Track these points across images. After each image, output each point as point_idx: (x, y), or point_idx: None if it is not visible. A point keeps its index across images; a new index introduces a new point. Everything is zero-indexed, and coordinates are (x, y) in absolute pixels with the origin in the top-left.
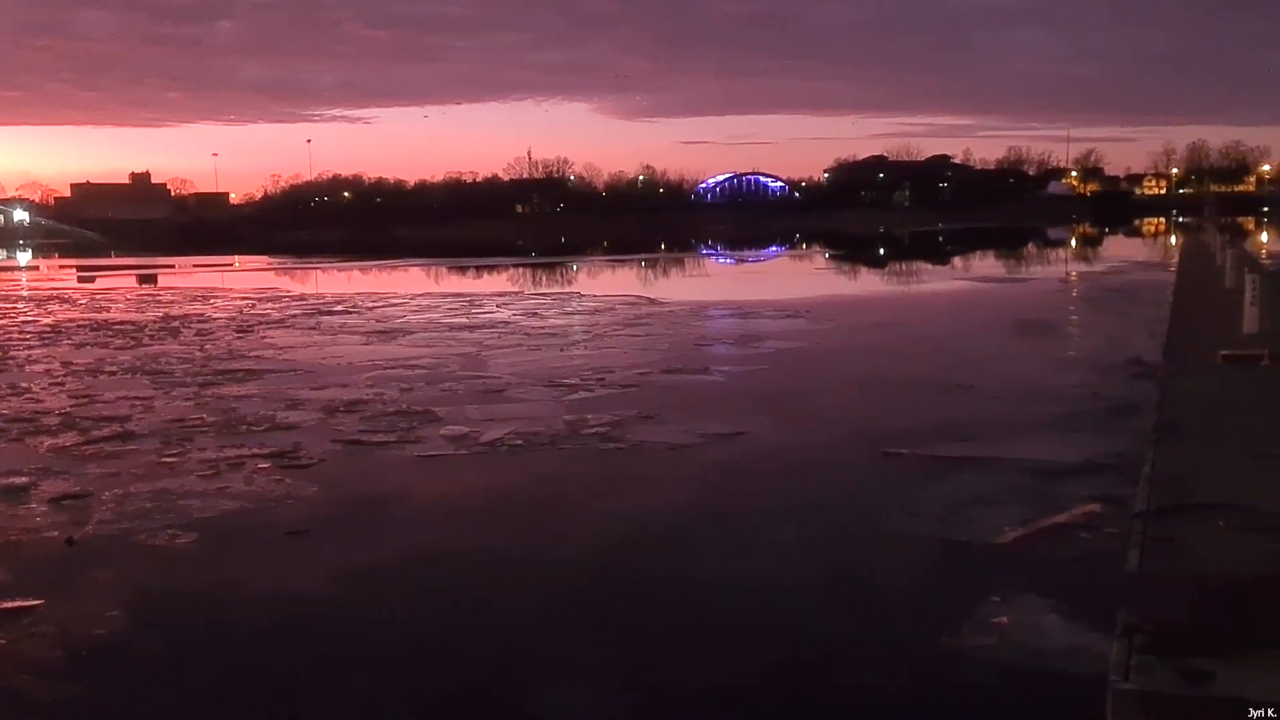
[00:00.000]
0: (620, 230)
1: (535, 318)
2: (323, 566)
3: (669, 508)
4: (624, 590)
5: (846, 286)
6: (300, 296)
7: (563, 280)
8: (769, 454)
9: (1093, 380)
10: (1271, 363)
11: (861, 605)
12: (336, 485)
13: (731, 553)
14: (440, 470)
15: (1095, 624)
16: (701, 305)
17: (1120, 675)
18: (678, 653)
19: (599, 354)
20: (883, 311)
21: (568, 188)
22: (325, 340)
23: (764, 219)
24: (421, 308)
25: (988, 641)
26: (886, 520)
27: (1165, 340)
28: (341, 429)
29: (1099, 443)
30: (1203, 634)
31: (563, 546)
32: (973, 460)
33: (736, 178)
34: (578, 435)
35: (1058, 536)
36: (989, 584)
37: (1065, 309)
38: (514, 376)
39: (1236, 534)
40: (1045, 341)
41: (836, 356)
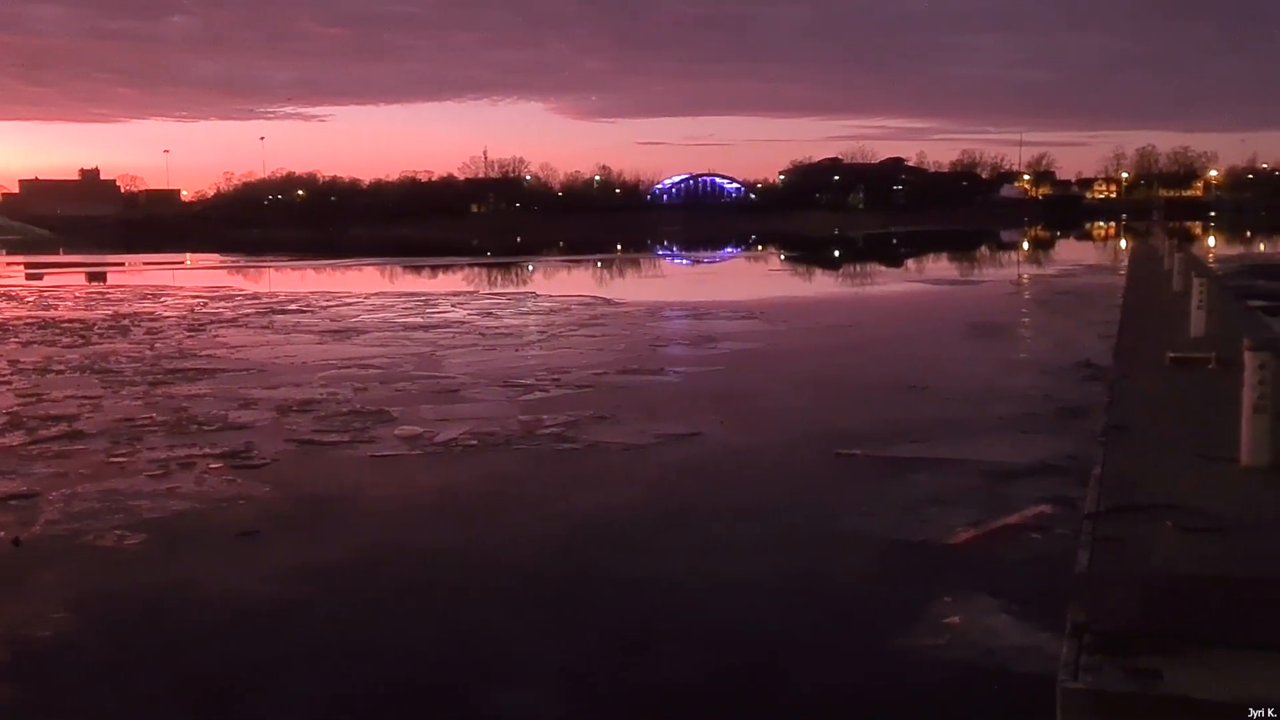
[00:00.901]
0: (576, 230)
1: (490, 318)
2: (274, 568)
3: (624, 508)
4: (578, 591)
5: (802, 288)
6: (253, 295)
7: (518, 280)
8: (724, 455)
9: (1044, 382)
10: (1218, 365)
11: (815, 605)
12: (289, 486)
13: (686, 553)
14: (394, 471)
15: (1046, 624)
16: (657, 306)
17: (1070, 674)
18: (631, 653)
19: (554, 354)
20: (837, 313)
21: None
22: (278, 339)
23: (720, 220)
24: (376, 307)
25: (939, 641)
26: (840, 520)
27: (1115, 343)
28: (295, 429)
29: (1050, 444)
30: (1151, 633)
31: (517, 547)
32: (926, 461)
33: (692, 179)
34: (533, 436)
35: (1009, 537)
36: (941, 584)
37: (1017, 311)
38: (469, 376)
39: (1183, 534)
40: (998, 344)
41: (791, 357)
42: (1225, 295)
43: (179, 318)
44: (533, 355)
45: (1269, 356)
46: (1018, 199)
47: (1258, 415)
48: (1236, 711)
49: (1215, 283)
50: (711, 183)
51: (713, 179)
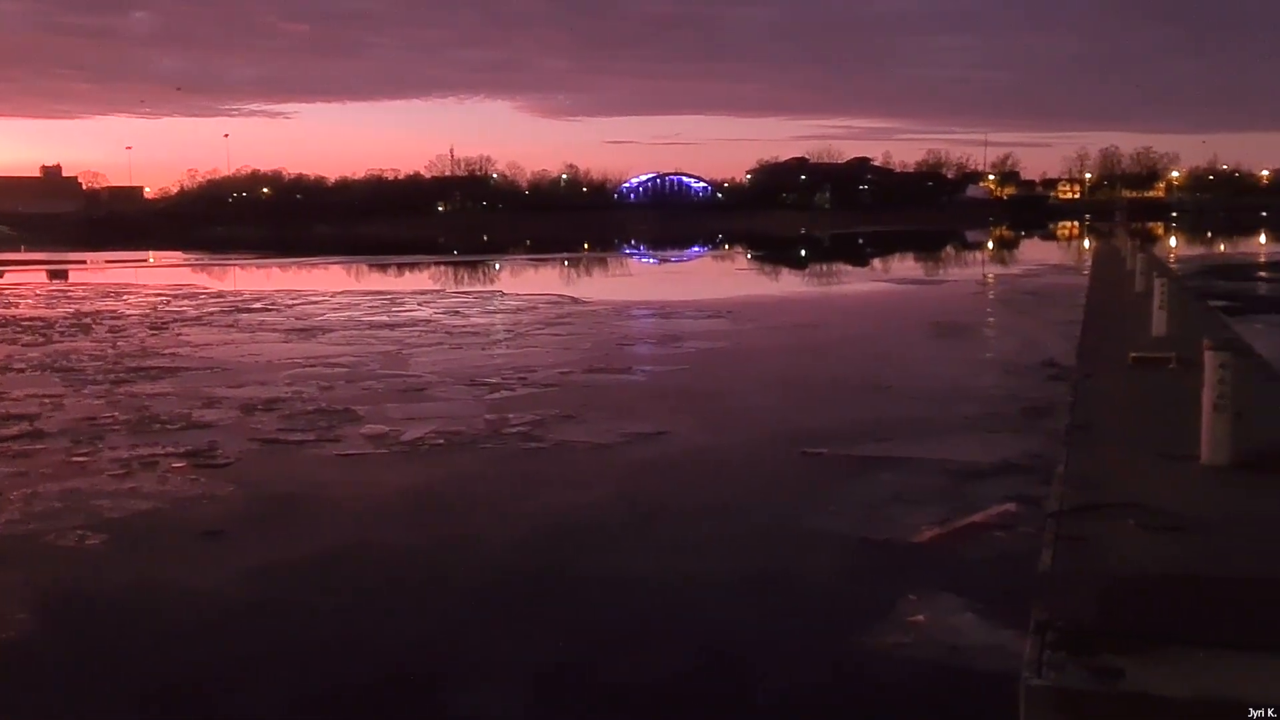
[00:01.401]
0: (543, 229)
1: (457, 316)
2: (238, 568)
3: (591, 507)
4: (545, 590)
5: (768, 287)
6: (218, 293)
7: (485, 279)
8: (691, 454)
9: (1008, 382)
10: (1179, 365)
11: (780, 603)
12: (254, 485)
13: (652, 552)
14: (360, 470)
15: (1010, 622)
16: (624, 305)
17: (1033, 672)
18: (597, 652)
19: (521, 353)
20: (804, 312)
21: (490, 186)
22: (243, 338)
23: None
24: (342, 305)
25: (904, 639)
26: (806, 519)
27: (1078, 343)
28: (259, 428)
29: (1014, 443)
30: (1113, 631)
31: (482, 546)
32: (891, 460)
33: (659, 178)
34: (499, 434)
35: (974, 536)
36: (907, 583)
37: (982, 311)
38: (435, 375)
39: (1145, 533)
40: (963, 343)
41: (758, 357)
42: (1186, 295)
43: (142, 316)
44: (499, 354)
45: (1228, 356)
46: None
47: (1218, 414)
48: (1196, 707)
49: (1176, 283)
50: (678, 182)
51: (680, 178)
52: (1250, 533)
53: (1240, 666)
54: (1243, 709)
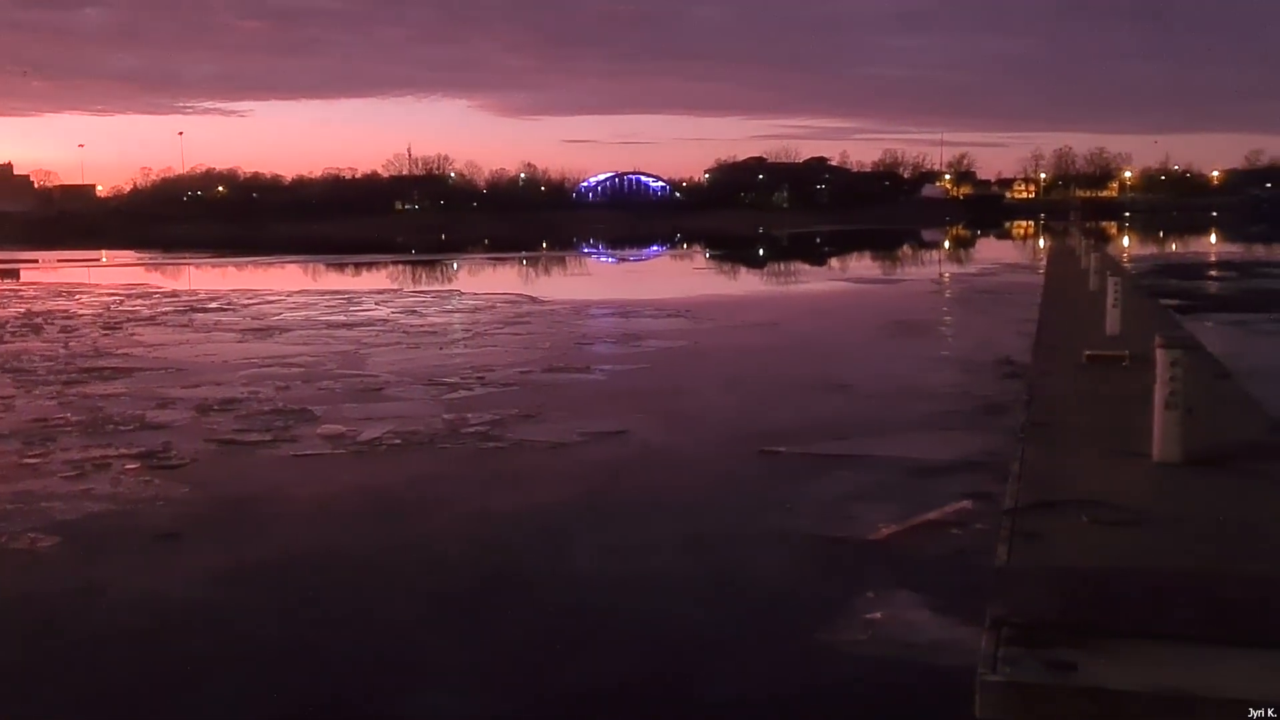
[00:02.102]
0: (502, 228)
1: (415, 315)
2: (193, 570)
3: (549, 506)
4: (502, 591)
5: (727, 286)
6: (172, 293)
7: (443, 278)
8: (650, 452)
9: (965, 380)
10: (1132, 363)
11: (738, 602)
12: (209, 486)
13: (611, 551)
14: (316, 470)
15: (965, 618)
16: (583, 304)
17: (988, 667)
18: (553, 653)
19: (479, 352)
20: (762, 311)
21: (448, 185)
22: (198, 338)
23: (645, 218)
24: (299, 305)
25: (861, 637)
26: (764, 517)
27: (1033, 341)
28: (215, 428)
29: (970, 441)
30: (1066, 626)
31: (439, 547)
32: (849, 458)
33: (618, 177)
34: (457, 434)
35: (930, 533)
36: (864, 580)
37: (939, 310)
38: (393, 375)
39: (1098, 528)
40: (920, 342)
41: (717, 355)
42: (1139, 294)
43: (94, 316)
44: (457, 353)
45: (1179, 354)
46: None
47: (1168, 412)
48: (1148, 699)
49: (1130, 282)
50: (637, 181)
51: (638, 177)
52: (1199, 527)
53: (1191, 659)
54: (1193, 700)
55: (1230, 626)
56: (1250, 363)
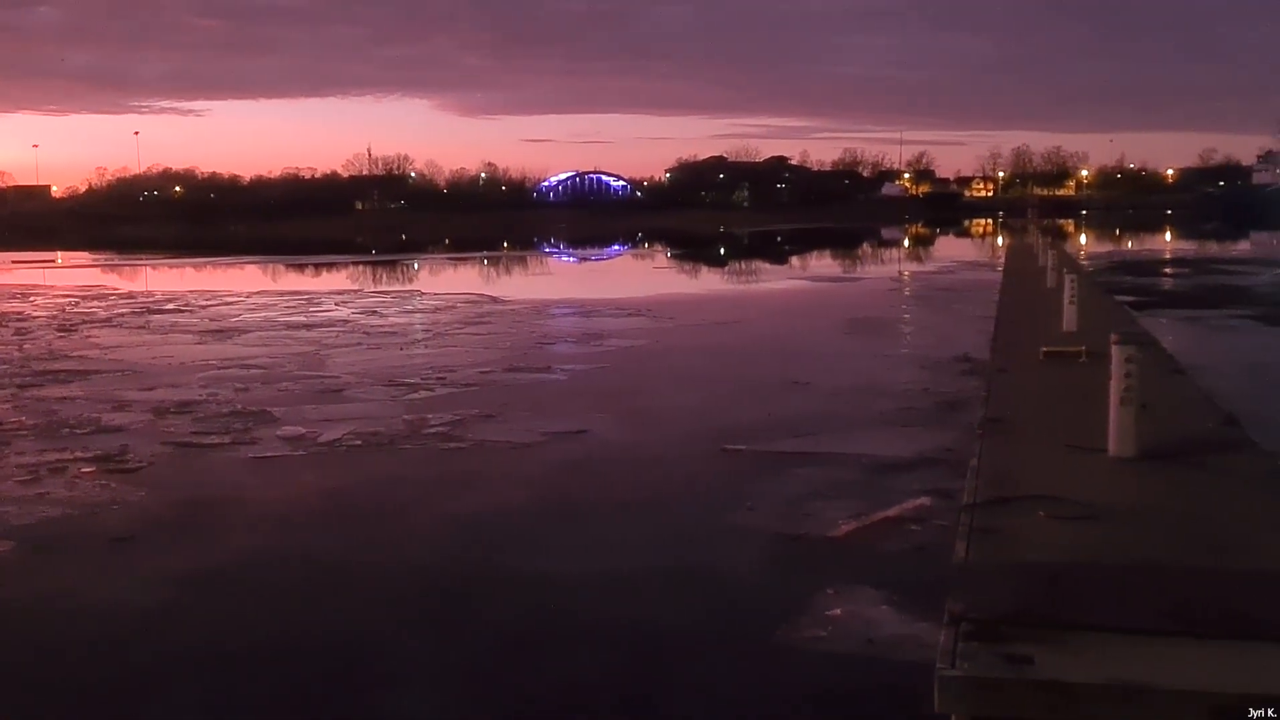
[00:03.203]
0: (463, 228)
1: (375, 316)
2: (150, 574)
3: (511, 507)
4: (463, 592)
5: (688, 285)
6: (129, 294)
7: (403, 278)
8: (612, 452)
9: (924, 377)
10: (1088, 359)
11: (700, 600)
12: (166, 489)
13: (572, 551)
14: (276, 472)
15: (924, 613)
16: (544, 303)
17: (947, 662)
18: (517, 654)
19: (440, 352)
20: (723, 310)
21: (409, 185)
22: (155, 339)
23: (607, 218)
24: (258, 306)
25: (822, 633)
26: (726, 515)
27: (991, 337)
28: (172, 431)
29: (929, 437)
30: (1023, 620)
31: (401, 548)
32: (809, 456)
33: (579, 176)
34: (418, 435)
35: (890, 529)
36: (824, 577)
37: (898, 307)
38: (353, 376)
39: (1054, 523)
40: (879, 339)
41: (678, 354)
42: (1096, 291)
43: (49, 318)
44: (418, 354)
45: (1134, 350)
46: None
47: (1124, 407)
48: (1102, 691)
49: (1086, 279)
50: (598, 180)
51: (599, 176)
52: (1154, 521)
53: (1145, 651)
54: (1147, 691)
55: (1183, 619)
56: (1203, 358)
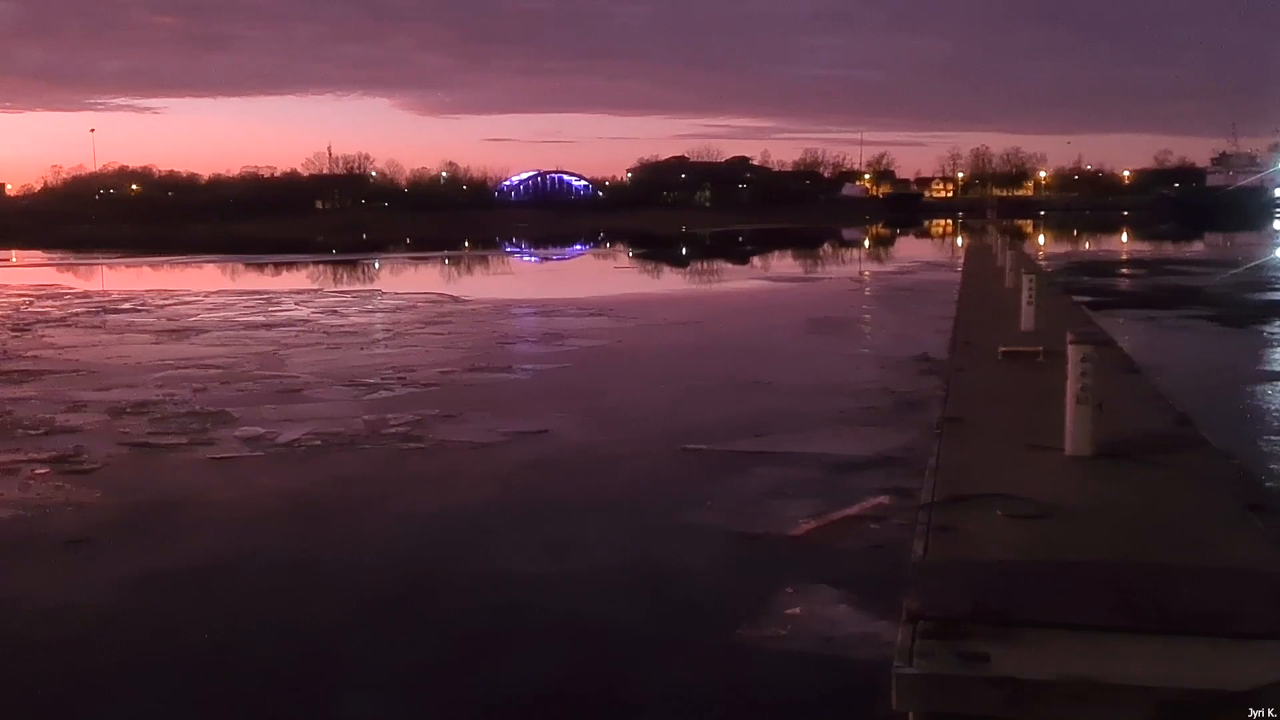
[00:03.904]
0: (424, 227)
1: (335, 315)
2: (105, 576)
3: (471, 507)
4: (424, 593)
5: (649, 285)
6: (84, 294)
7: (364, 277)
8: (572, 452)
9: (884, 376)
10: (1045, 358)
11: (660, 600)
12: (122, 491)
13: (533, 550)
14: (234, 473)
15: (883, 612)
16: (505, 303)
17: (904, 660)
18: (476, 654)
19: (401, 352)
20: (684, 310)
21: (369, 184)
22: (111, 339)
23: (568, 217)
24: (216, 305)
25: (781, 632)
26: (686, 515)
27: (950, 337)
28: (128, 431)
29: (888, 436)
30: (980, 618)
31: (360, 549)
32: (769, 455)
33: (540, 176)
34: (378, 435)
35: (849, 528)
36: (783, 576)
37: (859, 307)
38: (313, 376)
39: (1011, 521)
40: (840, 339)
41: (639, 354)
42: (1053, 291)
43: (2, 317)
44: (379, 353)
45: (1090, 350)
46: (859, 197)
47: (1080, 406)
48: (1058, 687)
49: (1044, 279)
50: (559, 180)
51: (561, 176)
52: (1109, 519)
53: (1099, 647)
54: (1101, 687)
55: (1136, 615)
56: (1158, 357)
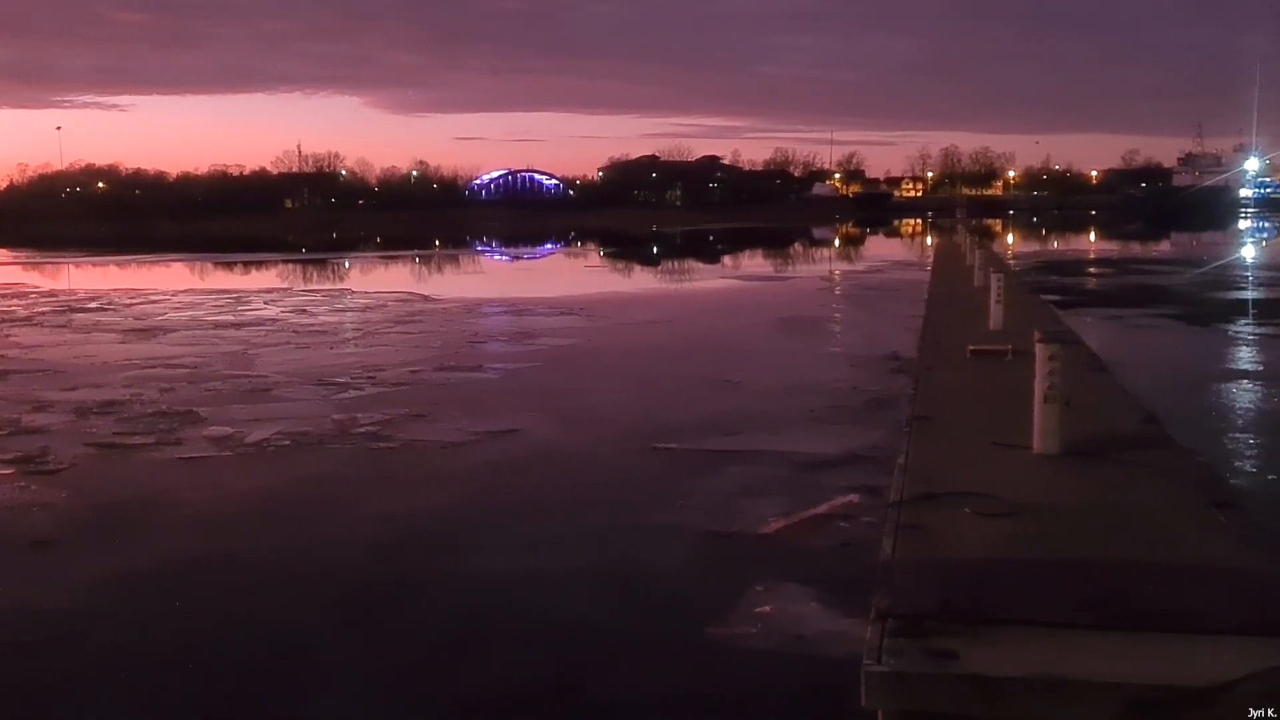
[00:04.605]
0: (394, 226)
1: (305, 315)
2: (72, 578)
3: (441, 507)
4: (393, 594)
5: (620, 284)
6: (50, 293)
7: (334, 276)
8: (542, 451)
9: (853, 375)
10: (1014, 357)
11: (631, 599)
12: (89, 491)
13: (504, 552)
14: (202, 473)
15: (852, 610)
16: (475, 302)
17: (873, 658)
18: (446, 655)
19: (370, 351)
20: (655, 309)
21: (339, 183)
22: (77, 339)
23: (539, 216)
24: (184, 305)
25: (751, 630)
26: (656, 514)
27: (919, 336)
28: (95, 431)
29: (858, 435)
30: (948, 616)
31: (329, 550)
32: (739, 454)
33: (511, 174)
34: (347, 434)
35: (818, 526)
36: (753, 574)
37: (829, 306)
38: (282, 375)
39: (979, 519)
40: (810, 338)
41: (609, 353)
42: (1022, 290)
43: None
44: (348, 353)
45: (1058, 348)
46: (829, 197)
47: (1048, 405)
48: (1024, 684)
49: (1013, 278)
50: (530, 179)
51: (531, 175)
52: (1076, 517)
53: (1065, 643)
54: (1067, 683)
55: (1104, 612)
56: (1125, 356)
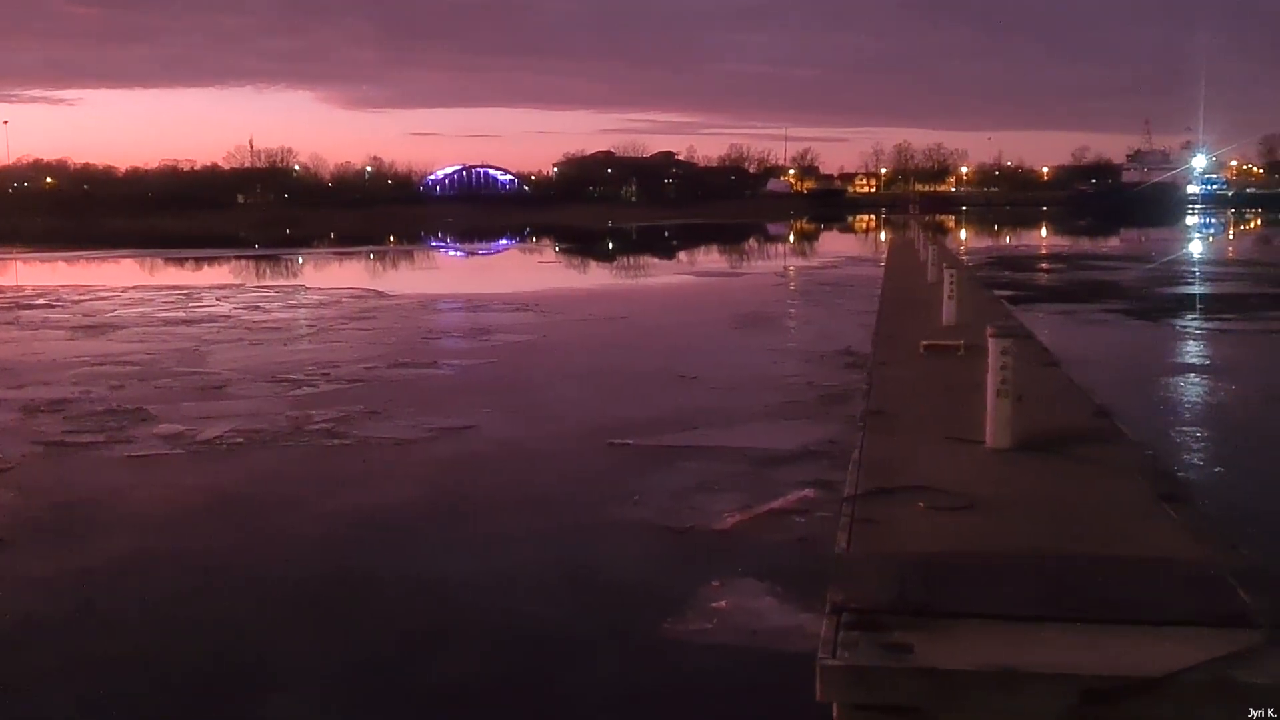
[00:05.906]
0: (348, 222)
1: (258, 311)
2: (21, 578)
3: (395, 504)
4: (349, 592)
5: (576, 280)
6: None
7: (287, 273)
8: (498, 447)
9: (808, 370)
10: (966, 352)
11: (588, 595)
12: (38, 491)
13: (458, 547)
14: (153, 471)
15: (807, 604)
16: (430, 298)
17: (829, 652)
18: (401, 653)
19: (324, 348)
20: (611, 304)
21: (293, 178)
22: (25, 335)
23: (494, 212)
24: (134, 301)
25: (707, 625)
26: (612, 510)
27: (873, 331)
28: (43, 430)
29: (813, 430)
30: (903, 609)
31: (283, 548)
32: (695, 449)
33: (466, 170)
34: (301, 432)
35: (774, 521)
36: (709, 569)
37: (783, 302)
38: (234, 372)
39: (932, 514)
40: (765, 334)
41: (565, 349)
42: (974, 286)
43: None
44: (302, 349)
45: (1010, 343)
46: (784, 193)
47: (1000, 400)
48: (979, 677)
49: (965, 274)
50: (485, 174)
51: (486, 171)
52: (1029, 510)
53: (1018, 636)
54: (1020, 675)
55: (1056, 604)
56: (1076, 351)
